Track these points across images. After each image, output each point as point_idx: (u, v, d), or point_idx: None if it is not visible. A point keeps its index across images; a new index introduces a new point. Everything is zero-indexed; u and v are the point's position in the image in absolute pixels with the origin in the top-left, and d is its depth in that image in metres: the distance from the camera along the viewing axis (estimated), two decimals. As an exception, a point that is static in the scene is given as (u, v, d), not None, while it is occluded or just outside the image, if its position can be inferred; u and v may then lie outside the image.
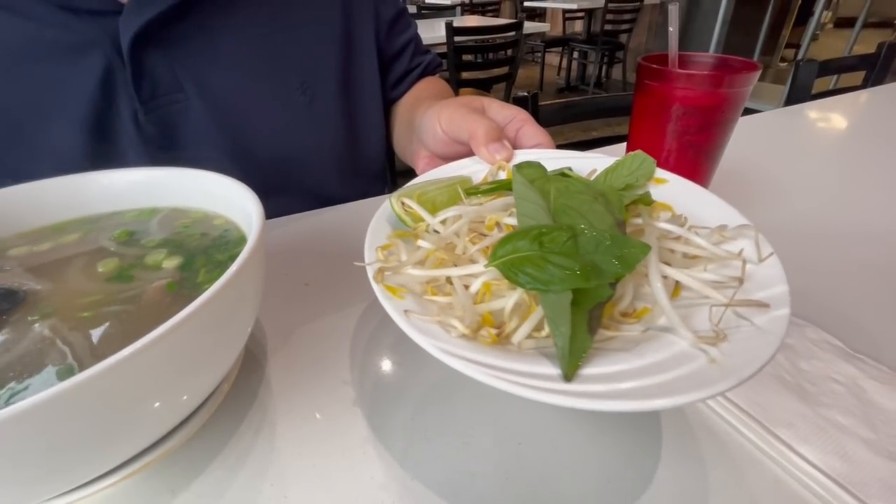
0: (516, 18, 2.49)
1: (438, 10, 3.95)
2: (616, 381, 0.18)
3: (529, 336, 0.21)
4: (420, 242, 0.27)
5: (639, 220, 0.26)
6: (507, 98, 2.43)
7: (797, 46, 3.29)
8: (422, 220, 0.29)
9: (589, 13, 4.15)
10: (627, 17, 3.92)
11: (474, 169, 0.35)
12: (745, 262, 0.23)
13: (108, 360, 0.16)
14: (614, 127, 1.13)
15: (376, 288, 0.23)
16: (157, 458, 0.23)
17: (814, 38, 3.04)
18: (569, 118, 0.85)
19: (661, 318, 0.22)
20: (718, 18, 3.45)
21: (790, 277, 0.39)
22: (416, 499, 0.23)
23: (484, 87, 2.61)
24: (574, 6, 4.13)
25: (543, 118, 0.83)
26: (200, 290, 0.24)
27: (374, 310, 0.35)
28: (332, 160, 0.50)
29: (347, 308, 0.35)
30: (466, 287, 0.24)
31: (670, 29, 0.35)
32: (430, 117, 0.38)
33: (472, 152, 0.36)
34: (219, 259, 0.26)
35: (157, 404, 0.20)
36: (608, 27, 3.87)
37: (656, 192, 0.30)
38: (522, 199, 0.26)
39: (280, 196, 0.47)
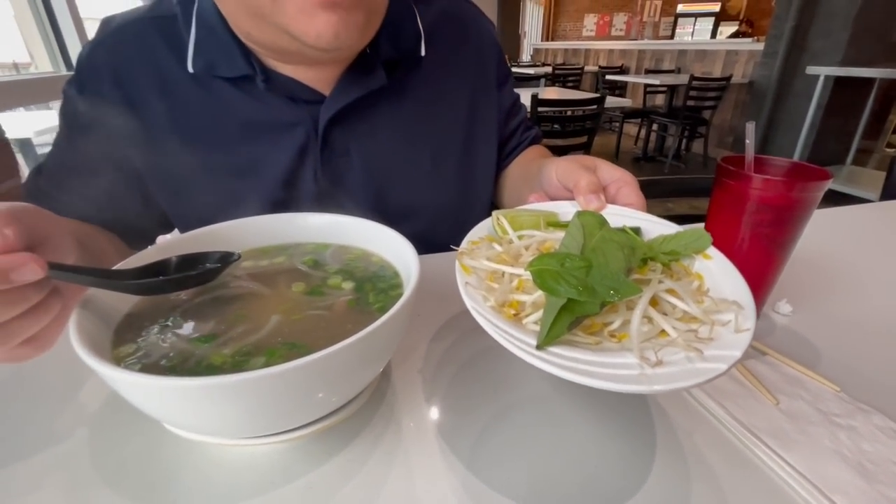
0: (597, 90, 2.62)
1: (524, 81, 4.24)
2: (568, 360, 0.26)
3: (536, 323, 0.30)
4: (494, 244, 0.37)
5: (652, 273, 0.33)
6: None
7: (906, 133, 3.08)
8: (507, 232, 0.39)
9: (671, 88, 4.19)
10: (712, 94, 3.91)
11: (570, 210, 0.43)
12: (713, 324, 0.29)
13: (323, 350, 0.23)
14: (692, 203, 1.16)
15: (457, 264, 0.34)
16: (324, 427, 0.32)
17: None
18: (649, 195, 0.91)
19: None
20: (813, 102, 3.34)
21: (861, 367, 0.42)
22: (511, 494, 0.29)
23: (560, 153, 2.74)
24: (657, 81, 4.21)
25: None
26: (371, 308, 0.33)
27: (469, 338, 0.42)
28: (446, 215, 0.61)
29: (448, 335, 0.43)
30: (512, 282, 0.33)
31: (747, 142, 0.41)
32: (549, 167, 0.48)
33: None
34: (381, 287, 0.35)
35: (340, 386, 0.29)
36: (691, 103, 3.88)
37: (700, 264, 0.36)
38: (569, 235, 0.36)
39: None
